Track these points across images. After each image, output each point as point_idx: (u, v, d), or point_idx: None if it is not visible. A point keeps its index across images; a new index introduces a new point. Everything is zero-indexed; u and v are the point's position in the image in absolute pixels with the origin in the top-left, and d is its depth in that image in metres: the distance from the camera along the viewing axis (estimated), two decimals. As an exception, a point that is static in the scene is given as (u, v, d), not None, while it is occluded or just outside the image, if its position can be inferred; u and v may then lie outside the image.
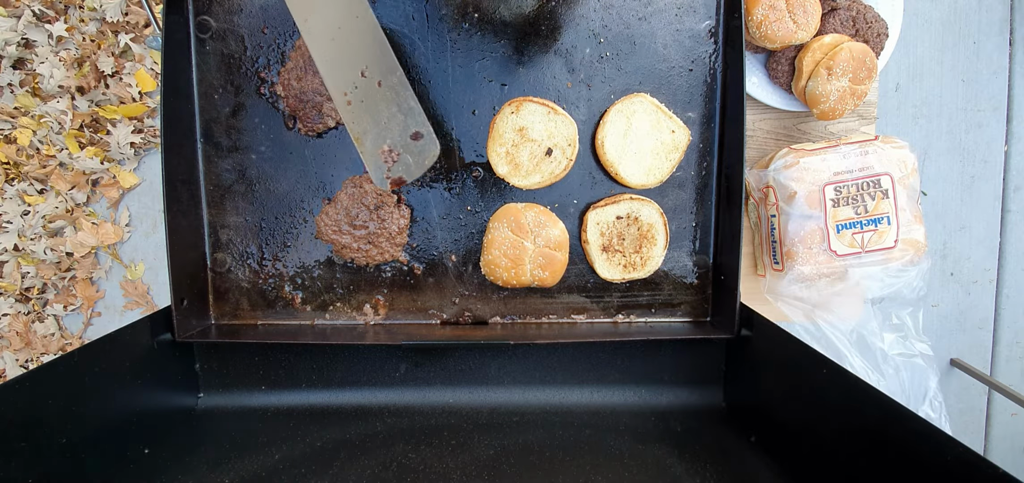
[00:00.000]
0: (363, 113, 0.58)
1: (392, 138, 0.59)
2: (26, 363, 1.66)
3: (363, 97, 0.58)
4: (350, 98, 0.58)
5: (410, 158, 0.59)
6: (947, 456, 0.39)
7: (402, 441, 0.62)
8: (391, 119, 0.58)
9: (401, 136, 0.59)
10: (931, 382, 0.84)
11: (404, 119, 0.58)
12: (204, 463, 0.58)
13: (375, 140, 0.59)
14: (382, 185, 0.60)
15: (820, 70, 0.75)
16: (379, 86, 0.58)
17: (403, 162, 0.59)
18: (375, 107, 0.58)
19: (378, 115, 0.58)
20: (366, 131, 0.58)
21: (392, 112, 0.58)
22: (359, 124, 0.58)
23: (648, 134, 0.68)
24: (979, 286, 1.78)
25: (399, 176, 0.60)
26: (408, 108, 0.58)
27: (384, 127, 0.58)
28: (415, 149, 0.59)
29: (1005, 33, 1.70)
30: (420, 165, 0.60)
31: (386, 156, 0.59)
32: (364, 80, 0.57)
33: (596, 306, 0.73)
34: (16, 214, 1.58)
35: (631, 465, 0.58)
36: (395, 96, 0.58)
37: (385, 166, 0.59)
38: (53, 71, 1.51)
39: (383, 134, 0.58)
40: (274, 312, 0.71)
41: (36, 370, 0.48)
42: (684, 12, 0.68)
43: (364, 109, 0.58)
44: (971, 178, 1.74)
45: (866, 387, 0.46)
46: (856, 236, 0.76)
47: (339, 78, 0.57)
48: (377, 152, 0.59)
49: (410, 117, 0.59)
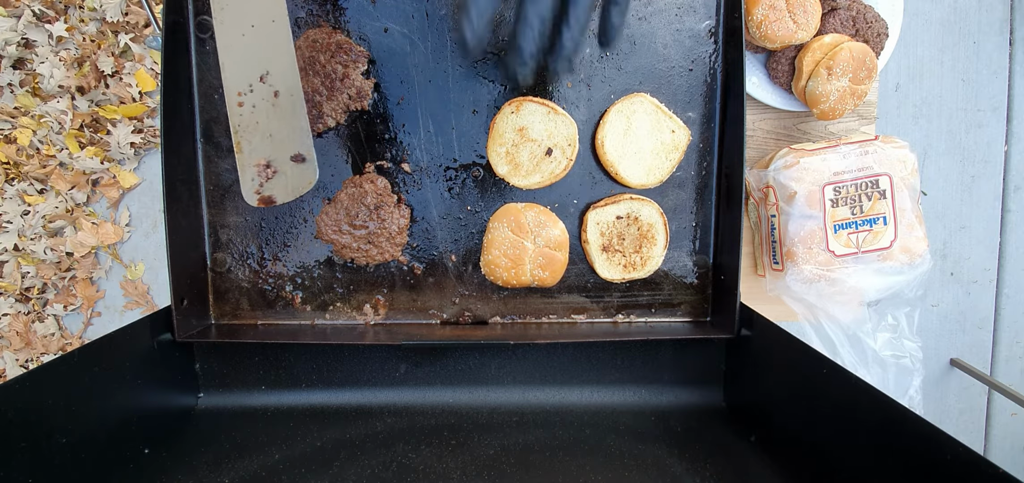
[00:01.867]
0: (252, 119, 0.55)
1: (273, 153, 0.56)
2: (26, 363, 1.66)
3: (256, 102, 0.55)
4: (243, 100, 0.55)
5: (286, 179, 0.56)
6: (947, 456, 0.39)
7: (402, 441, 0.62)
8: (277, 134, 0.55)
9: (283, 154, 0.56)
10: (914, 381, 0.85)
11: (290, 137, 0.56)
12: (204, 463, 0.58)
13: (256, 151, 0.56)
14: (250, 199, 0.56)
15: (820, 70, 0.75)
16: (275, 97, 0.55)
17: (278, 180, 0.56)
18: (265, 117, 0.55)
19: (266, 126, 0.55)
20: (250, 140, 0.55)
21: (280, 127, 0.55)
22: (244, 130, 0.55)
23: (648, 134, 0.68)
24: (979, 286, 1.78)
25: (270, 195, 0.56)
26: (298, 128, 0.56)
27: (268, 140, 0.55)
28: (294, 171, 0.56)
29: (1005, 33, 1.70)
30: (295, 189, 0.57)
31: (261, 170, 0.56)
32: (262, 86, 0.55)
33: (596, 306, 0.73)
34: (16, 214, 1.58)
35: (631, 465, 0.58)
36: (289, 113, 0.55)
37: (258, 180, 0.56)
38: (53, 71, 1.51)
39: (265, 147, 0.55)
40: (274, 312, 0.71)
41: (36, 370, 0.48)
42: (684, 12, 0.68)
43: (254, 115, 0.55)
44: (971, 178, 1.74)
45: (866, 387, 0.46)
46: (852, 236, 0.76)
47: (238, 76, 0.55)
48: (254, 164, 0.56)
49: (297, 137, 0.56)
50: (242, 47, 0.55)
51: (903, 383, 0.84)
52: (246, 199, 0.57)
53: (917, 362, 0.84)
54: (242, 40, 0.55)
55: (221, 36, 0.55)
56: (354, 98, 0.67)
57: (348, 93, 0.67)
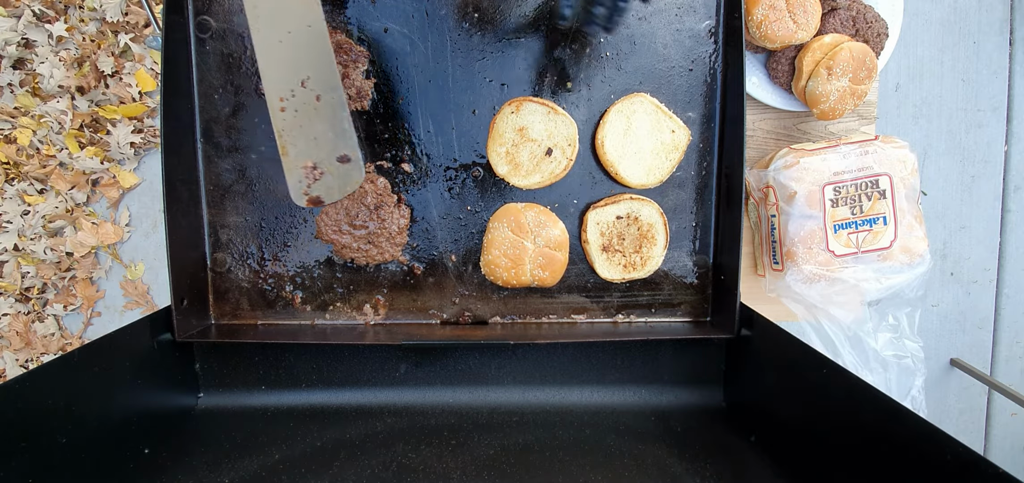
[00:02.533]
0: (295, 123, 0.56)
1: (319, 155, 0.57)
2: (26, 363, 1.66)
3: (298, 107, 0.56)
4: (285, 105, 0.56)
5: (333, 179, 0.57)
6: (947, 456, 0.39)
7: (402, 441, 0.62)
8: (322, 136, 0.56)
9: (328, 155, 0.57)
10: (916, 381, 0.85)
11: (335, 139, 0.57)
12: (204, 463, 0.58)
13: (302, 154, 0.57)
14: (298, 200, 0.58)
15: (820, 70, 0.75)
16: (317, 100, 0.56)
17: (325, 182, 0.57)
18: (309, 120, 0.56)
19: (310, 129, 0.56)
20: (295, 143, 0.56)
21: (324, 129, 0.56)
22: (289, 134, 0.56)
23: (648, 134, 0.68)
24: (979, 286, 1.78)
25: (318, 195, 0.58)
26: (341, 129, 0.57)
27: (313, 143, 0.56)
28: (340, 171, 0.57)
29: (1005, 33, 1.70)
30: (341, 188, 0.58)
31: (309, 172, 0.57)
32: (303, 91, 0.56)
33: (596, 306, 0.73)
34: (16, 214, 1.58)
35: (631, 465, 0.58)
36: (331, 114, 0.56)
37: (306, 181, 0.57)
38: (53, 71, 1.51)
39: (311, 149, 0.56)
40: (274, 312, 0.71)
41: (36, 370, 0.48)
42: (684, 12, 0.68)
43: (297, 119, 0.56)
44: (971, 178, 1.74)
45: (866, 387, 0.46)
46: (851, 236, 0.76)
47: (278, 82, 0.56)
48: (301, 166, 0.57)
49: (341, 138, 0.57)
50: (281, 53, 0.56)
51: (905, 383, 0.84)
52: (295, 200, 0.58)
53: (919, 362, 0.84)
54: (280, 47, 0.55)
55: (259, 43, 0.55)
56: (354, 98, 0.67)
57: (348, 93, 0.67)
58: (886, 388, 0.84)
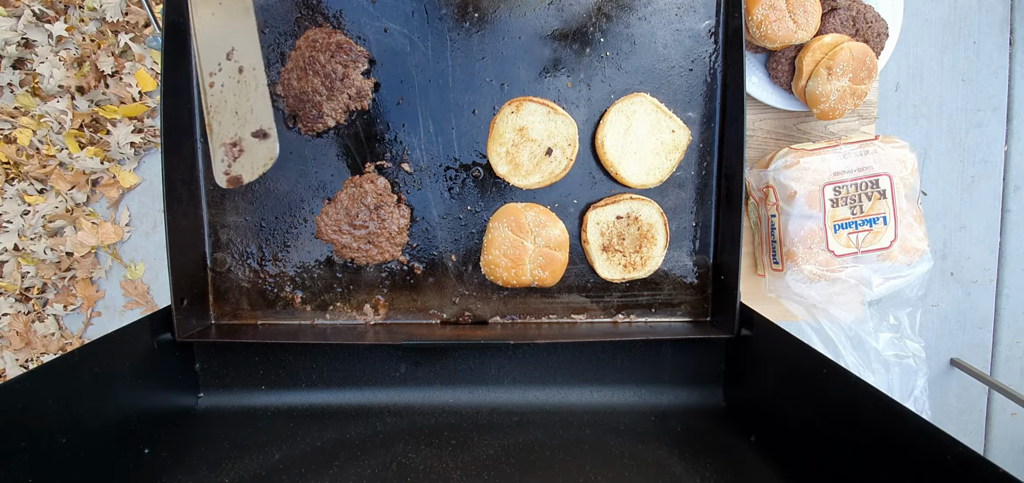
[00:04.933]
0: (221, 99, 0.55)
1: (239, 131, 0.56)
2: (26, 363, 1.66)
3: (224, 81, 0.55)
4: (214, 80, 0.55)
5: (251, 157, 0.56)
6: (947, 456, 0.39)
7: (402, 441, 0.62)
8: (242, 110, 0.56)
9: (247, 131, 0.56)
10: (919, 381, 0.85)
11: (253, 113, 0.56)
12: (204, 463, 0.58)
13: (224, 130, 0.56)
14: (220, 181, 0.57)
15: (820, 70, 0.75)
16: (240, 73, 0.55)
17: (244, 160, 0.56)
18: (232, 95, 0.55)
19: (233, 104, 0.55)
20: (220, 120, 0.56)
21: (244, 103, 0.56)
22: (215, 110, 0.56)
23: (648, 134, 0.68)
24: (979, 286, 1.78)
25: (238, 174, 0.56)
26: (260, 103, 0.56)
27: (235, 118, 0.56)
28: (257, 148, 0.56)
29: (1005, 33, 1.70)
30: (258, 166, 0.57)
31: (229, 149, 0.56)
32: (229, 63, 0.55)
33: (596, 306, 0.73)
34: (16, 214, 1.58)
35: (631, 465, 0.58)
36: (252, 88, 0.55)
37: (226, 161, 0.56)
38: (53, 71, 1.51)
39: (233, 125, 0.56)
40: (274, 312, 0.71)
41: (36, 370, 0.48)
42: (684, 12, 0.68)
43: (223, 94, 0.55)
44: (971, 178, 1.74)
45: (866, 387, 0.46)
46: (851, 236, 0.76)
47: (209, 56, 0.55)
48: (222, 143, 0.56)
49: (259, 113, 0.56)
50: (211, 26, 0.55)
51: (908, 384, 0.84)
52: (217, 181, 0.57)
53: (921, 362, 0.84)
54: (211, 19, 0.55)
55: (197, 20, 0.55)
56: (354, 98, 0.67)
57: (348, 93, 0.67)
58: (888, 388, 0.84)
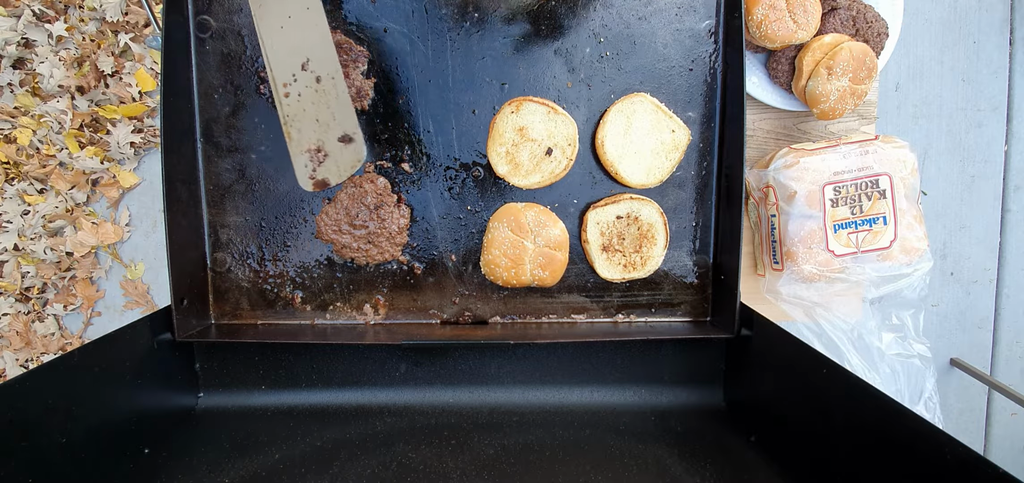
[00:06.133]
0: (298, 108, 0.57)
1: (322, 137, 0.57)
2: (26, 363, 1.66)
3: (301, 91, 0.56)
4: (289, 90, 0.56)
5: (336, 160, 0.58)
6: (947, 456, 0.39)
7: (402, 441, 0.62)
8: (323, 118, 0.57)
9: (331, 137, 0.57)
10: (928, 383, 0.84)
11: (336, 119, 0.57)
12: (204, 463, 0.58)
13: (306, 138, 0.57)
14: (305, 185, 0.58)
15: (820, 70, 0.75)
16: (317, 83, 0.56)
17: (329, 164, 0.58)
18: (310, 103, 0.57)
19: (312, 112, 0.57)
20: (299, 128, 0.57)
21: (325, 111, 0.57)
22: (293, 119, 0.57)
23: (648, 134, 0.68)
24: (979, 286, 1.78)
25: (323, 178, 0.58)
26: (342, 110, 0.57)
27: (315, 125, 0.57)
28: (342, 152, 0.58)
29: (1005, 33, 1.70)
30: (345, 169, 0.58)
31: (313, 155, 0.57)
32: (304, 74, 0.56)
33: (596, 306, 0.73)
34: (16, 214, 1.58)
35: (631, 465, 0.58)
36: (333, 96, 0.57)
37: (310, 165, 0.58)
38: (53, 71, 1.51)
39: (314, 132, 0.57)
40: (274, 312, 0.71)
41: (36, 370, 0.48)
42: (684, 12, 0.68)
43: (300, 104, 0.56)
44: (971, 178, 1.74)
45: (866, 387, 0.46)
46: (851, 236, 0.76)
47: (282, 68, 0.56)
48: (304, 150, 0.57)
49: (342, 119, 0.57)
50: (282, 38, 0.56)
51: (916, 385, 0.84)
52: (301, 185, 0.59)
53: (928, 363, 0.84)
54: (281, 32, 0.56)
55: (263, 30, 0.56)
56: (354, 98, 0.67)
57: (348, 93, 0.67)
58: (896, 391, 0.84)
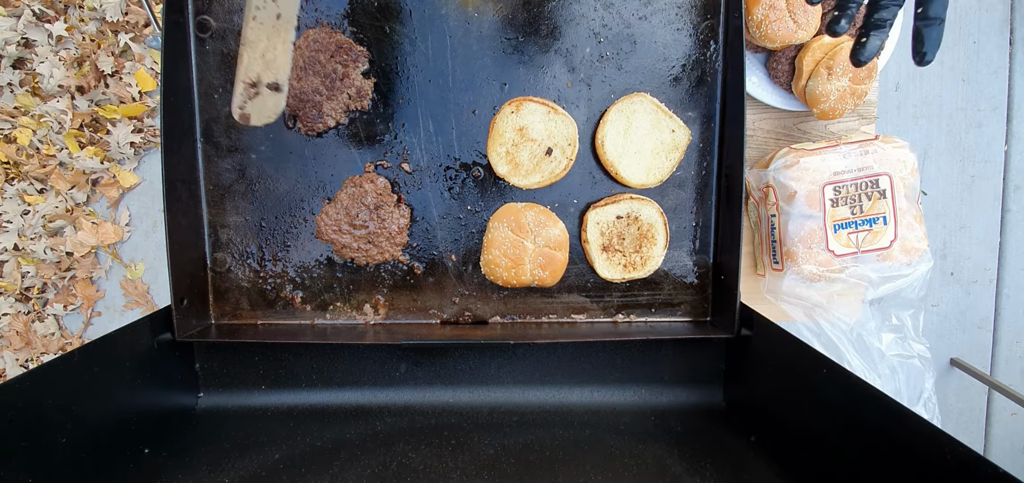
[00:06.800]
0: (255, 36, 0.58)
1: (261, 74, 0.58)
2: (26, 363, 1.66)
3: (264, 20, 0.58)
4: (257, 15, 0.57)
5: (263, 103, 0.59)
6: (947, 456, 0.39)
7: (402, 441, 0.62)
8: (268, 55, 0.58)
9: (266, 77, 0.59)
10: (927, 384, 0.84)
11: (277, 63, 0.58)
12: (204, 463, 0.58)
13: (250, 68, 0.58)
14: (234, 113, 0.59)
15: (820, 70, 0.75)
16: (277, 19, 0.57)
17: (257, 103, 0.59)
18: (266, 37, 0.58)
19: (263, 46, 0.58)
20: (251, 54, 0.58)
21: (271, 51, 0.58)
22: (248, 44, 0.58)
23: (648, 134, 0.68)
24: (979, 286, 1.78)
25: (248, 113, 0.59)
26: (283, 56, 0.58)
27: (260, 59, 0.58)
28: (268, 98, 0.59)
29: (1005, 33, 1.70)
30: (265, 115, 0.60)
31: (247, 88, 0.58)
32: (271, 4, 0.57)
33: (596, 306, 0.73)
34: (16, 214, 1.58)
35: (631, 465, 0.58)
36: (281, 38, 0.58)
37: (244, 97, 0.59)
38: (53, 71, 1.51)
39: (256, 65, 0.58)
40: (274, 312, 0.71)
41: (36, 370, 0.48)
42: (684, 11, 0.68)
43: (258, 33, 0.58)
44: (971, 178, 1.74)
45: (866, 387, 0.46)
46: (851, 236, 0.76)
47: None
48: (244, 79, 0.58)
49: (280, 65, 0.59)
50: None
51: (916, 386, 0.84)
52: (232, 113, 0.59)
53: (927, 364, 0.84)
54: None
55: None
56: (354, 98, 0.67)
57: (348, 93, 0.67)
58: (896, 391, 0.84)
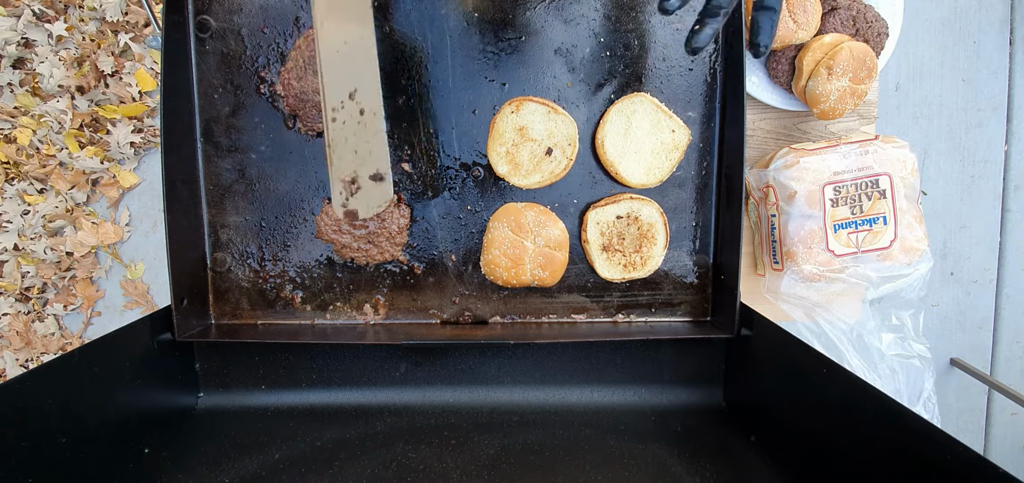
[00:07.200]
0: (342, 135, 0.58)
1: (358, 170, 0.59)
2: (26, 363, 1.66)
3: (346, 119, 0.58)
4: (336, 116, 0.58)
5: (367, 196, 0.60)
6: (947, 456, 0.39)
7: (402, 441, 0.62)
8: (362, 151, 0.59)
9: (365, 171, 0.59)
10: (927, 384, 0.85)
11: (372, 156, 0.59)
12: (204, 463, 0.58)
13: (345, 166, 0.59)
14: (338, 211, 0.60)
15: (820, 70, 0.75)
16: (361, 115, 0.58)
17: (360, 197, 0.60)
18: (352, 134, 0.58)
19: (353, 143, 0.58)
20: (341, 154, 0.59)
21: (364, 145, 0.59)
22: (336, 145, 0.59)
23: (648, 134, 0.68)
24: (979, 286, 1.78)
25: (354, 209, 0.60)
26: (378, 148, 0.59)
27: (354, 156, 0.59)
28: (373, 189, 0.60)
29: (1005, 33, 1.70)
30: (373, 206, 0.60)
31: (347, 185, 0.59)
32: (351, 103, 0.58)
33: (596, 306, 0.73)
34: (16, 214, 1.58)
35: (631, 465, 0.58)
36: (372, 132, 0.58)
37: (345, 194, 0.60)
38: (53, 70, 1.51)
39: (352, 162, 0.59)
40: (274, 312, 0.71)
41: (36, 370, 0.48)
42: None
43: (343, 131, 0.58)
44: (971, 178, 1.74)
45: (866, 387, 0.46)
46: (851, 236, 0.76)
47: (333, 91, 0.57)
48: (341, 178, 0.59)
49: (378, 156, 0.59)
50: (338, 63, 0.57)
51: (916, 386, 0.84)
52: (335, 210, 0.61)
53: (927, 364, 0.84)
54: (337, 56, 0.57)
55: (323, 50, 0.57)
56: (354, 98, 0.67)
57: (348, 93, 0.67)
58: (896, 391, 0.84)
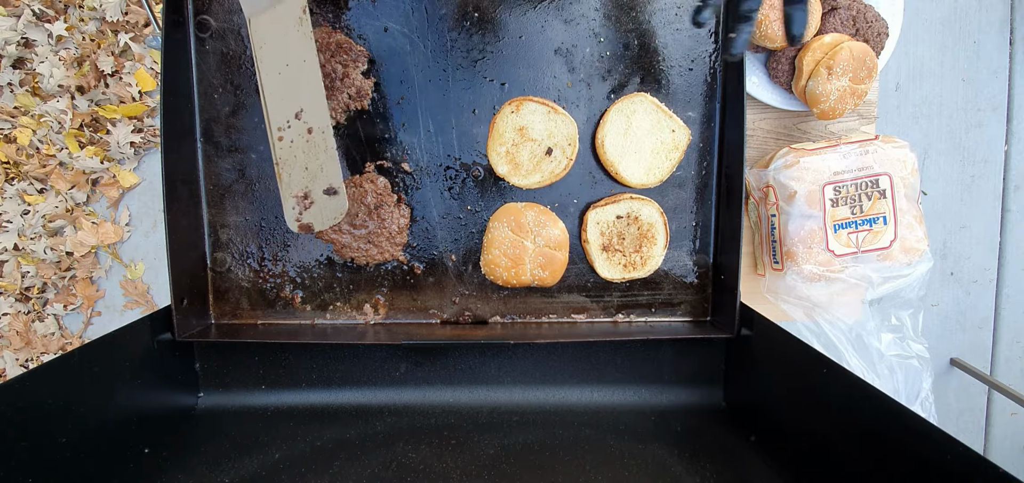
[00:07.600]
0: (290, 153, 0.61)
1: (309, 185, 0.61)
2: (26, 363, 1.66)
3: (293, 138, 0.60)
4: (282, 135, 0.60)
5: (321, 209, 0.62)
6: (947, 456, 0.39)
7: (402, 441, 0.62)
8: (312, 167, 0.61)
9: (317, 186, 0.61)
10: (925, 383, 0.85)
11: (323, 172, 0.61)
12: (204, 463, 0.58)
13: (295, 182, 0.61)
14: (291, 225, 0.62)
15: (820, 69, 0.75)
16: (309, 133, 0.60)
17: (314, 210, 0.62)
18: (301, 151, 0.61)
19: (302, 159, 0.61)
20: (289, 171, 0.61)
21: (314, 162, 0.61)
22: (284, 163, 0.61)
23: (648, 133, 0.68)
24: (979, 286, 1.78)
25: (308, 223, 0.62)
26: (329, 164, 0.61)
27: (305, 173, 0.61)
28: (327, 203, 0.62)
29: (1005, 33, 1.70)
30: (327, 219, 0.62)
31: (300, 200, 0.61)
32: (298, 122, 0.60)
33: (596, 306, 0.73)
34: (16, 214, 1.58)
35: (631, 465, 0.58)
36: (322, 149, 0.60)
37: (298, 208, 0.62)
38: (53, 70, 1.51)
39: (302, 179, 0.61)
40: (274, 312, 0.71)
41: (36, 370, 0.48)
42: (684, 11, 0.68)
43: (292, 150, 0.60)
44: (971, 178, 1.74)
45: (866, 387, 0.46)
46: (851, 236, 0.76)
47: (278, 111, 0.60)
48: (293, 194, 0.61)
49: (329, 172, 0.61)
50: (279, 85, 0.60)
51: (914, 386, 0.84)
52: (288, 225, 0.63)
53: (926, 364, 0.84)
54: (279, 79, 0.59)
55: (265, 74, 0.59)
56: (354, 98, 0.67)
57: (348, 93, 0.67)
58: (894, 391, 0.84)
